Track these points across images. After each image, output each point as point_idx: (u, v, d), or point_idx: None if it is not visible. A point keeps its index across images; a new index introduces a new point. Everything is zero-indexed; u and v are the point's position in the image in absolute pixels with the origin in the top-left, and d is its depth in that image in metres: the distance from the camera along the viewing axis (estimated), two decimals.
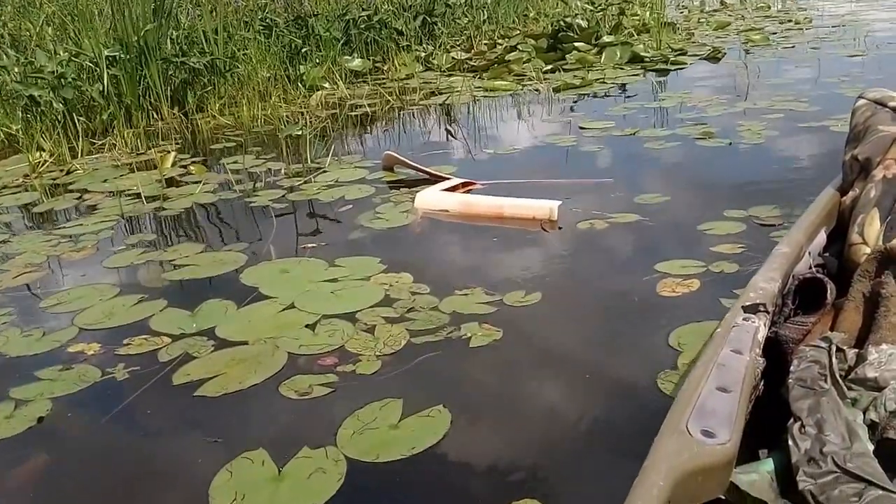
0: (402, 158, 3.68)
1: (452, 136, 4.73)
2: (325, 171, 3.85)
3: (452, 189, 3.30)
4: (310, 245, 2.80)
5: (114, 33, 5.70)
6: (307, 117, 5.31)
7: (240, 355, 2.00)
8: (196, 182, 3.78)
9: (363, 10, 7.99)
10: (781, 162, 3.41)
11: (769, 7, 10.84)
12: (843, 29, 8.26)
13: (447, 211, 3.08)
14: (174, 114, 5.69)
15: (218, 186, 3.74)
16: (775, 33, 7.99)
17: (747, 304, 1.26)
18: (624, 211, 2.92)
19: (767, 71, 5.84)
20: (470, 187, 3.39)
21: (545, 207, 2.87)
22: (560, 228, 2.82)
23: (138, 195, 3.59)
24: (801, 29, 8.33)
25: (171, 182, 3.90)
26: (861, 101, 1.94)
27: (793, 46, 7.05)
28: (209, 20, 6.32)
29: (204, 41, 6.15)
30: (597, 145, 3.97)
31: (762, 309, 1.24)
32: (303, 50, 7.06)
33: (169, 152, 4.39)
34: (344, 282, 2.41)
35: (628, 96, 5.37)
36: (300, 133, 4.07)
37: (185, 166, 4.19)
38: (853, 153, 1.82)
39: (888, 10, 10.24)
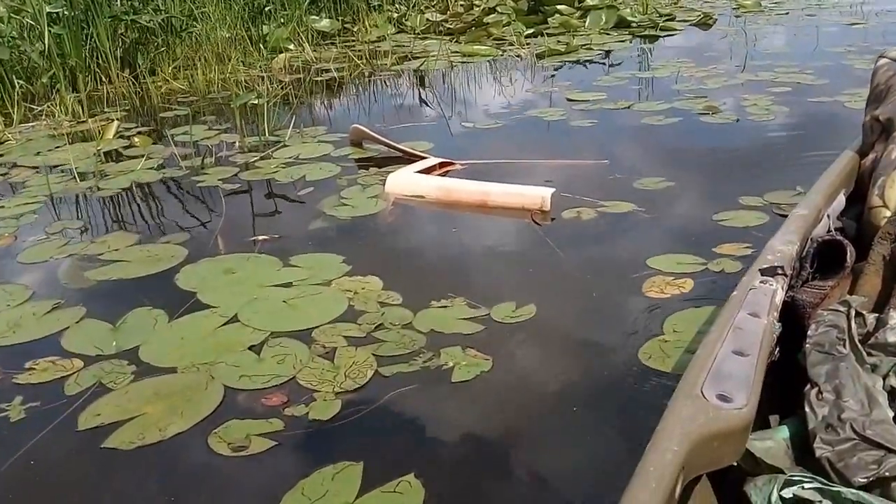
0: (371, 133, 3.27)
1: (428, 105, 4.32)
2: (284, 146, 3.43)
3: (429, 170, 2.90)
4: (262, 237, 2.39)
5: None
6: (268, 82, 4.85)
7: (165, 388, 1.61)
8: (139, 156, 3.34)
9: None
10: (796, 141, 3.05)
11: None
12: None
13: (423, 197, 2.69)
14: (124, 77, 5.19)
15: (163, 162, 3.30)
16: None
17: (764, 266, 1.22)
18: (623, 198, 2.56)
19: (764, 39, 5.48)
20: (448, 168, 2.99)
21: (536, 196, 2.49)
22: (553, 220, 2.45)
23: (73, 171, 3.15)
24: None
25: (110, 156, 3.46)
26: (883, 61, 1.87)
27: (787, 13, 6.69)
28: None
29: None
30: (588, 120, 3.59)
31: (780, 272, 1.21)
32: (266, 8, 6.56)
33: (112, 121, 3.93)
34: (300, 287, 2.02)
35: (618, 64, 4.97)
36: (256, 102, 3.63)
37: (128, 137, 3.73)
38: (874, 114, 1.74)
39: None
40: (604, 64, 5.06)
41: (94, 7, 5.08)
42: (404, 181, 2.76)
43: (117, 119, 4.01)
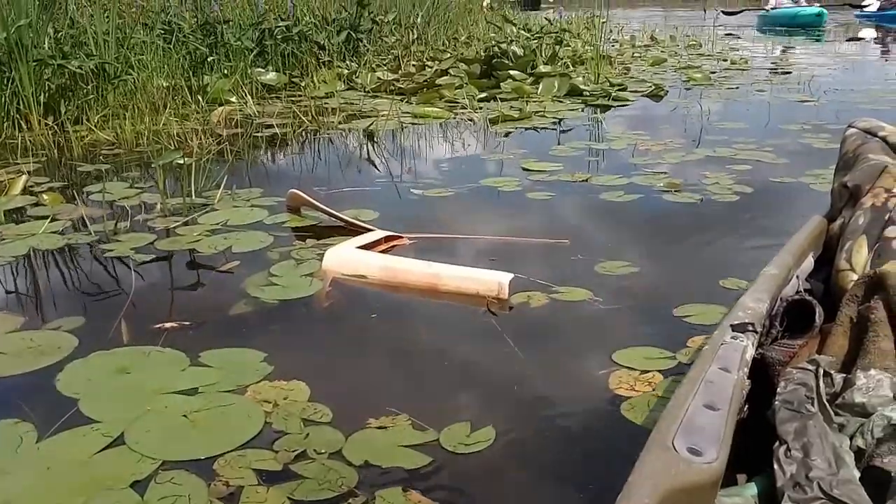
0: (310, 200, 2.96)
1: (376, 168, 4.03)
2: (213, 210, 3.09)
3: (373, 245, 2.60)
4: (169, 324, 2.02)
5: None
6: (203, 136, 4.51)
7: None
8: (44, 217, 2.95)
9: (281, 19, 7.24)
10: (764, 225, 2.85)
11: (700, 46, 10.67)
12: (783, 71, 8.02)
13: (365, 277, 2.37)
14: (47, 124, 4.79)
15: (70, 224, 2.92)
16: (714, 73, 7.67)
17: (735, 322, 1.22)
18: (586, 284, 2.29)
19: (718, 113, 5.40)
20: (395, 243, 2.69)
21: (493, 282, 2.20)
22: (511, 308, 2.16)
23: None
24: (741, 70, 8.05)
25: (12, 215, 3.06)
26: (851, 130, 1.95)
27: (737, 87, 6.71)
28: (101, 19, 5.45)
29: (93, 43, 5.28)
30: (545, 192, 3.34)
31: (750, 328, 1.22)
32: (209, 59, 6.26)
33: (21, 174, 3.54)
34: (207, 395, 1.66)
35: (572, 134, 4.80)
36: (182, 162, 3.29)
37: (37, 194, 3.34)
38: (842, 180, 1.81)
39: (820, 55, 10.18)
40: (558, 132, 4.88)
41: (18, 49, 4.71)
42: (345, 258, 2.44)
43: (27, 172, 3.62)
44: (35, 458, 1.45)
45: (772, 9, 15.86)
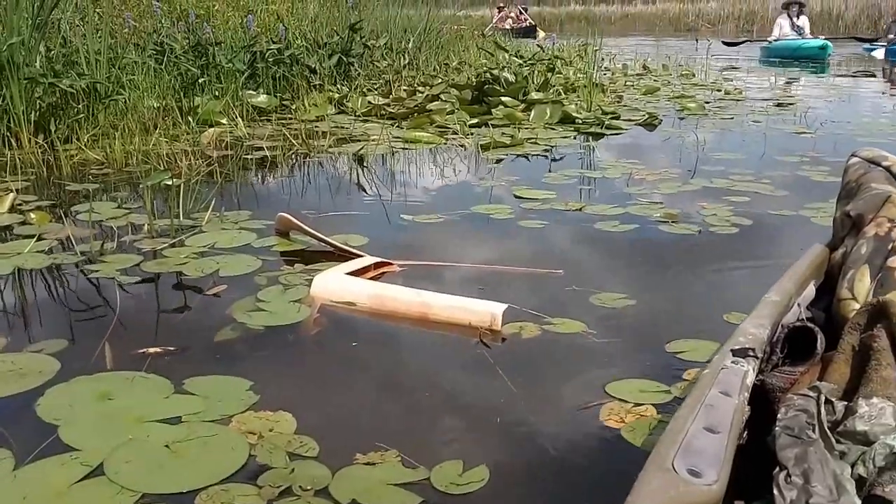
0: (299, 224, 2.92)
1: (365, 193, 4.00)
2: (201, 232, 3.04)
3: (362, 271, 2.56)
4: (154, 349, 1.97)
5: None
6: (193, 157, 4.48)
7: None
8: (31, 236, 2.90)
9: (273, 42, 7.24)
10: (764, 259, 2.82)
11: (693, 75, 10.72)
12: (778, 102, 8.06)
13: (354, 304, 2.33)
14: (37, 143, 4.75)
15: (56, 244, 2.87)
16: (709, 102, 7.69)
17: (736, 347, 1.23)
18: (580, 316, 2.26)
19: (713, 143, 5.39)
20: (384, 269, 2.65)
21: (486, 313, 2.16)
22: (503, 340, 2.12)
23: None
24: (735, 100, 8.09)
25: None
26: (854, 160, 1.95)
27: (732, 118, 6.71)
28: (93, 39, 5.43)
29: (85, 62, 5.25)
30: (537, 220, 3.32)
31: (751, 354, 1.22)
32: (200, 80, 6.24)
33: (9, 192, 3.49)
34: (190, 425, 1.61)
35: (564, 161, 4.79)
36: (170, 184, 3.24)
37: (25, 212, 3.29)
38: (845, 209, 1.81)
39: (815, 87, 10.25)
40: (550, 159, 4.87)
41: (9, 67, 4.67)
42: (333, 284, 2.40)
43: (16, 190, 3.57)
44: (11, 487, 1.39)
45: (775, 40, 15.58)
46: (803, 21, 15.08)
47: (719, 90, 8.91)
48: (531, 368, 1.98)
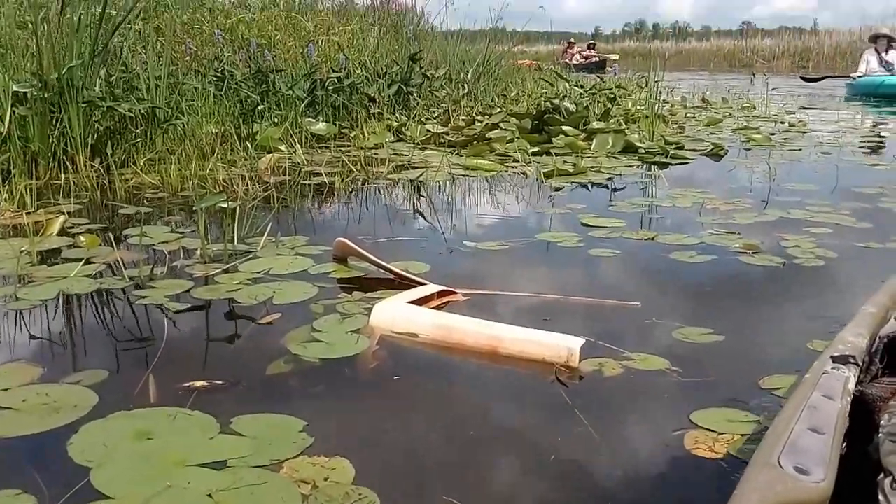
0: (358, 250, 2.76)
1: (425, 219, 3.84)
2: (255, 257, 2.91)
3: (425, 300, 2.38)
4: (199, 383, 1.81)
5: (34, 67, 4.78)
6: (250, 182, 4.39)
7: None
8: (79, 259, 2.79)
9: (333, 71, 7.22)
10: (855, 293, 2.54)
11: (754, 108, 10.40)
12: (846, 135, 7.72)
13: (416, 336, 2.14)
14: (93, 166, 4.72)
15: (105, 268, 2.75)
16: (774, 134, 7.40)
17: (836, 354, 1.20)
18: (662, 352, 2.03)
19: (783, 174, 5.13)
20: (448, 299, 2.47)
21: (562, 347, 1.95)
22: (581, 378, 1.91)
23: None
24: (801, 132, 7.78)
25: (47, 256, 2.91)
26: None
27: (800, 149, 6.42)
28: (154, 65, 5.43)
29: (145, 87, 5.25)
30: (608, 249, 3.10)
31: (851, 361, 1.19)
32: (259, 107, 6.21)
33: (60, 215, 3.42)
34: (236, 470, 1.42)
35: (630, 190, 4.58)
36: (225, 206, 3.12)
37: (74, 235, 3.20)
38: None
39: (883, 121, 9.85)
40: (616, 188, 4.66)
41: (69, 90, 4.67)
42: (394, 314, 2.22)
43: (67, 213, 3.50)
44: None
45: (860, 76, 14.50)
46: (892, 56, 13.97)
47: (782, 122, 8.61)
48: (613, 411, 1.76)
